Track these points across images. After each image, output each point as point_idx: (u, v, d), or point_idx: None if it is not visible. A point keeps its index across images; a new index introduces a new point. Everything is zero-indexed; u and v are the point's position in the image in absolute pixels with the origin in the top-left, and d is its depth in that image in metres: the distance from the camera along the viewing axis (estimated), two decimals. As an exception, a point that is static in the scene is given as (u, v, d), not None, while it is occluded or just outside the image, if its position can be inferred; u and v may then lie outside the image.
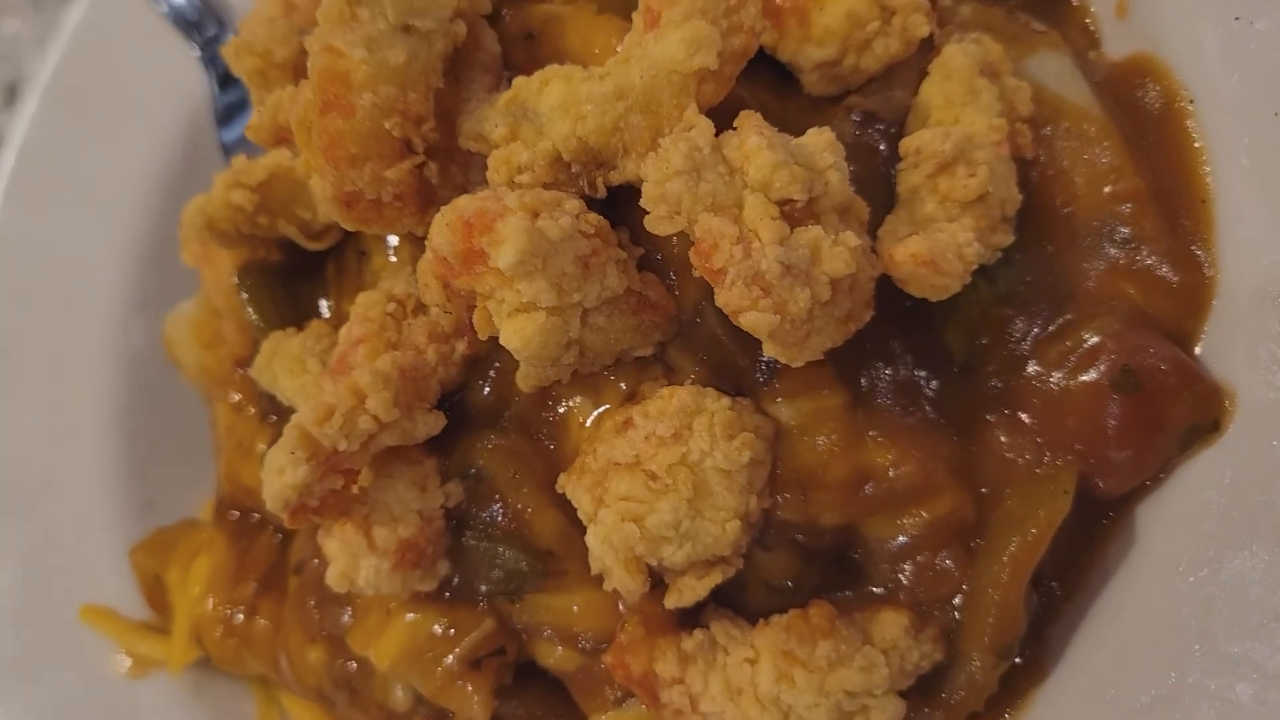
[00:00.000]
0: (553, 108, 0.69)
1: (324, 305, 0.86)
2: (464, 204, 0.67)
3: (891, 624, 0.71)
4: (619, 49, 0.71)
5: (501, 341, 0.68)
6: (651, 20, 0.68)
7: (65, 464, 1.06)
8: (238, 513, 0.96)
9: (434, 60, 0.71)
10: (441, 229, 0.67)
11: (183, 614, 0.93)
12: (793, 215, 0.66)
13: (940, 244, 0.68)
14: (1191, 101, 0.76)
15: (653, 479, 0.69)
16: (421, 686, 0.77)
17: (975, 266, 0.70)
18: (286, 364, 0.80)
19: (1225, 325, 0.72)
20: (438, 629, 0.77)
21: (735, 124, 0.67)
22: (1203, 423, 0.70)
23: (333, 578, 0.75)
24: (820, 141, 0.67)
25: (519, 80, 0.71)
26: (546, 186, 0.70)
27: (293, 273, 0.87)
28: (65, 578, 1.02)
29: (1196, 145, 0.75)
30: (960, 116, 0.73)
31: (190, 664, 0.95)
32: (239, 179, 0.79)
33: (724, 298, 0.65)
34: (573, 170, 0.70)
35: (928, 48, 0.78)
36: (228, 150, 1.12)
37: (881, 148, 0.78)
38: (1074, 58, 0.80)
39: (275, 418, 0.92)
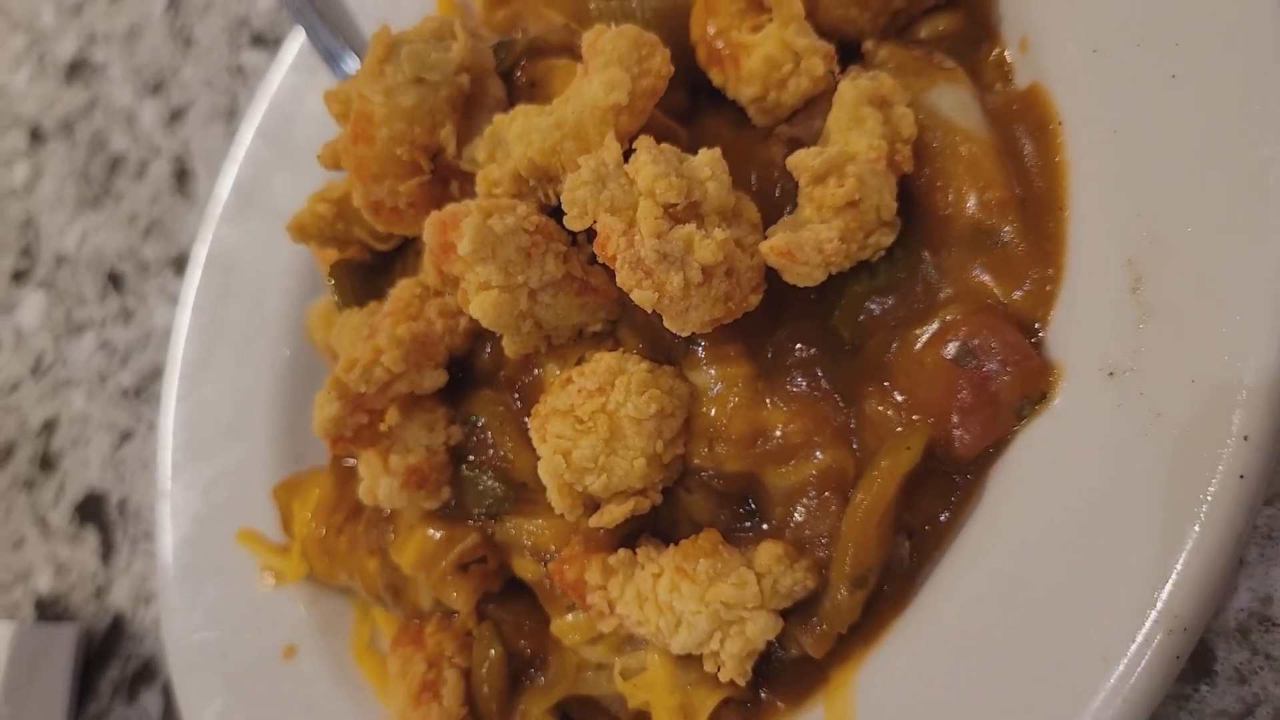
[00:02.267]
0: (514, 136, 0.91)
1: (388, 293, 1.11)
2: (445, 210, 0.90)
3: (767, 552, 0.87)
4: (570, 91, 0.92)
5: (470, 312, 0.90)
6: (585, 69, 0.89)
7: (242, 422, 1.37)
8: (350, 461, 1.22)
9: (439, 103, 0.95)
10: (428, 227, 0.90)
11: (296, 535, 1.20)
12: (677, 216, 0.84)
13: (801, 240, 0.84)
14: (1060, 123, 0.88)
15: (579, 422, 0.89)
16: (426, 583, 1.00)
17: (838, 261, 0.85)
18: (349, 333, 1.06)
19: (1068, 313, 0.83)
20: (438, 539, 0.99)
21: (634, 145, 0.86)
22: (1031, 395, 0.82)
23: (362, 492, 0.99)
24: (705, 158, 0.85)
25: (498, 117, 0.94)
26: (513, 197, 0.92)
27: (374, 268, 1.13)
28: (232, 507, 1.32)
29: (1058, 160, 0.87)
30: (847, 139, 0.88)
31: (304, 579, 1.23)
32: (322, 195, 1.06)
33: (619, 278, 0.84)
34: (530, 184, 0.92)
35: (847, 83, 0.94)
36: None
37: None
38: (973, 90, 0.93)
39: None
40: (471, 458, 0.99)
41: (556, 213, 0.90)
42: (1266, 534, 0.86)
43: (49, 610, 1.86)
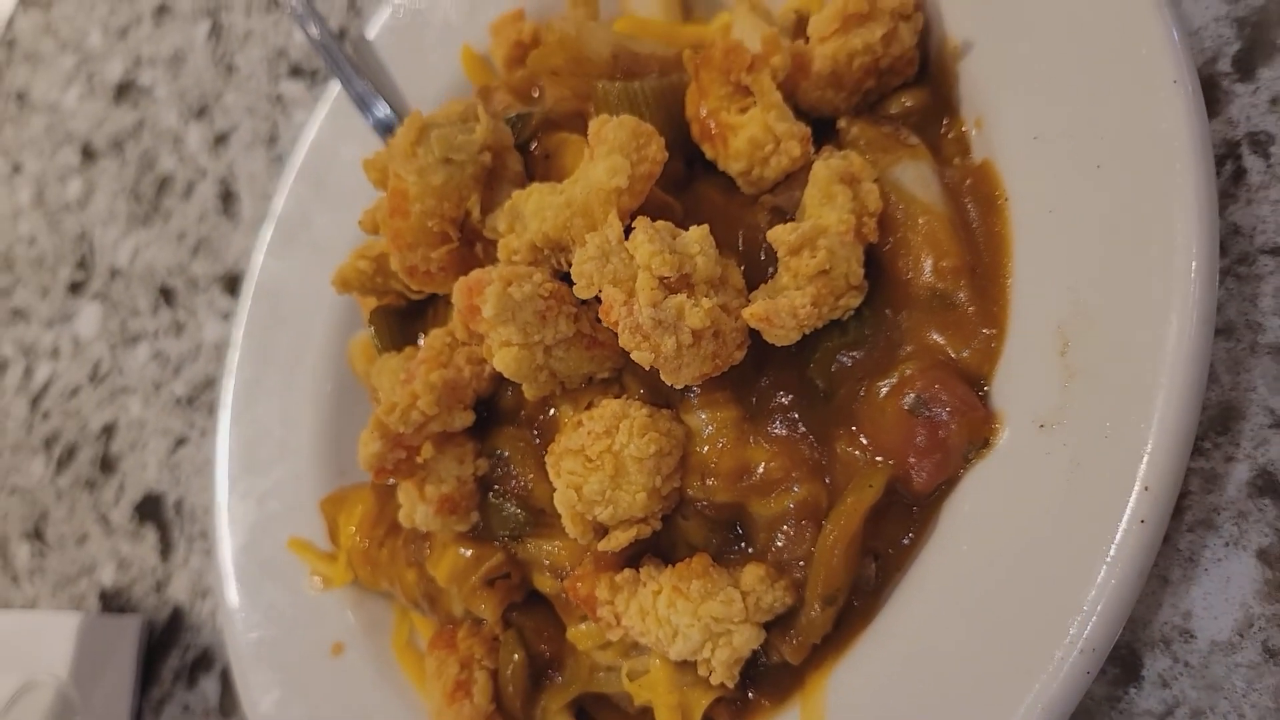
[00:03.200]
0: (530, 212, 1.04)
1: (421, 337, 1.25)
2: (470, 276, 1.04)
3: (751, 574, 1.01)
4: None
5: (493, 365, 1.04)
6: (591, 154, 1.02)
7: (291, 439, 1.52)
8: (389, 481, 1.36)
9: (466, 180, 1.08)
10: (456, 291, 1.04)
11: (342, 546, 1.35)
12: (671, 286, 0.97)
13: (778, 306, 0.97)
14: (1006, 199, 1.00)
15: (588, 461, 1.03)
16: (458, 595, 1.15)
17: (810, 323, 0.99)
18: (388, 376, 1.20)
19: (1008, 370, 0.96)
20: (469, 557, 1.14)
21: (634, 224, 0.99)
22: (975, 441, 0.95)
23: (401, 517, 1.14)
24: (695, 235, 0.98)
25: (516, 193, 1.07)
26: (530, 264, 1.05)
27: (409, 314, 1.27)
28: (283, 517, 1.47)
29: (1003, 233, 0.99)
30: (820, 213, 1.01)
31: (349, 584, 1.38)
32: (363, 252, 1.21)
33: (621, 340, 0.97)
34: (545, 253, 1.05)
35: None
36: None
37: (785, 233, 1.08)
38: (933, 164, 1.05)
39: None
40: (497, 487, 1.14)
41: (568, 278, 1.03)
42: (1189, 557, 0.98)
43: (113, 602, 2.02)
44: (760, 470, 1.02)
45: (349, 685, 1.33)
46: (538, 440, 1.13)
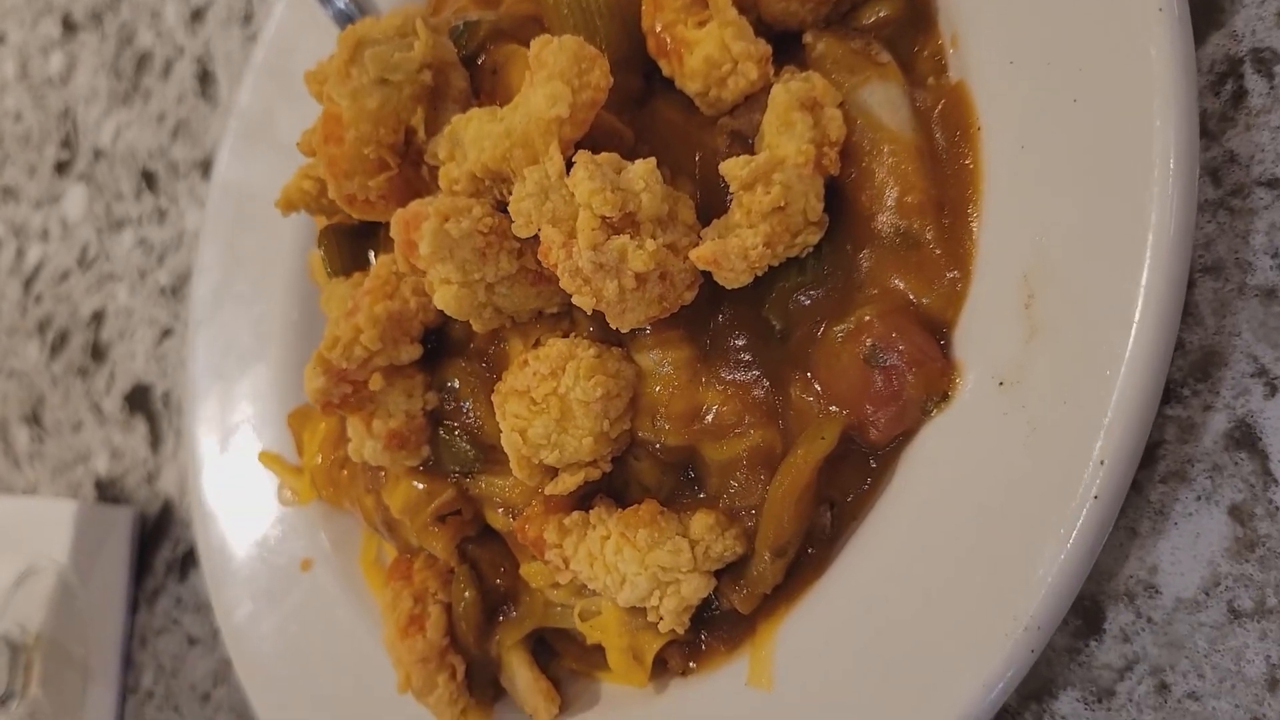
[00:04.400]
0: (469, 140, 0.97)
1: (372, 256, 1.20)
2: (408, 209, 0.98)
3: (700, 521, 0.97)
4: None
5: (434, 303, 0.99)
6: (531, 79, 0.95)
7: (262, 347, 1.48)
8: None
9: (404, 101, 1.01)
10: (394, 224, 0.98)
11: (306, 465, 1.33)
12: (614, 226, 0.91)
13: (727, 248, 0.91)
14: (979, 129, 0.92)
15: (534, 404, 0.99)
16: (411, 530, 1.13)
17: (763, 264, 0.92)
18: (335, 302, 1.15)
19: (971, 318, 0.90)
20: (420, 490, 1.11)
21: (574, 160, 0.92)
22: (934, 393, 0.90)
23: (351, 450, 1.11)
24: (640, 170, 0.91)
25: (456, 118, 1.00)
26: (471, 195, 0.99)
27: (362, 232, 1.21)
28: (254, 426, 1.45)
29: (974, 165, 0.92)
30: (778, 143, 0.94)
31: (316, 500, 1.36)
32: (307, 171, 1.14)
33: (561, 283, 0.92)
34: (486, 184, 0.99)
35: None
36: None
37: (745, 159, 1.01)
38: (904, 86, 0.97)
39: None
40: (447, 422, 1.10)
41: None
42: (1159, 510, 0.94)
43: (107, 492, 2.04)
44: (713, 413, 0.98)
45: (318, 601, 1.33)
46: (488, 374, 1.09)
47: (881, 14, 1.01)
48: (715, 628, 1.03)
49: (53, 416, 2.20)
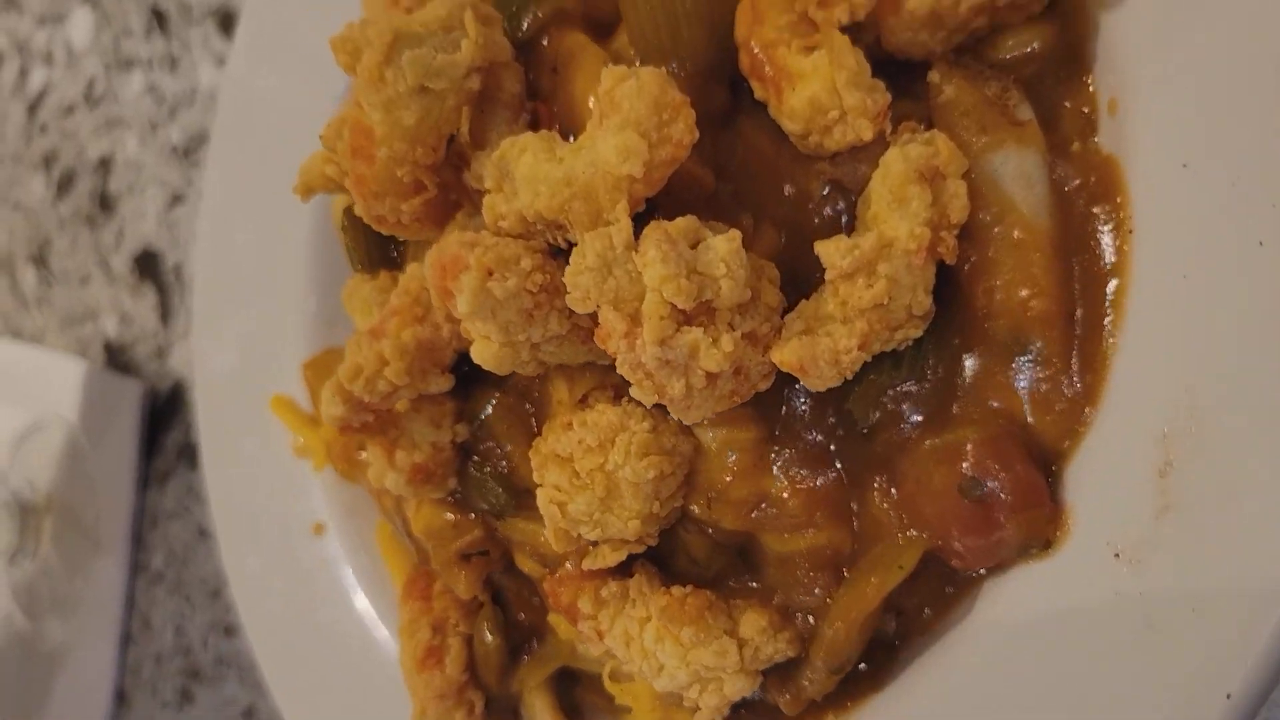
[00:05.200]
0: (522, 177, 0.82)
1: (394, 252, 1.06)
2: (445, 247, 0.84)
3: (753, 622, 0.88)
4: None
5: (471, 354, 0.86)
6: (600, 117, 0.79)
7: (276, 273, 1.35)
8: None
9: (447, 113, 0.85)
10: (429, 263, 0.84)
11: (321, 434, 1.23)
12: (687, 314, 0.78)
13: (816, 351, 0.78)
14: (1132, 231, 0.77)
15: (576, 476, 0.88)
16: (434, 559, 1.03)
17: (856, 367, 0.79)
18: (359, 304, 1.02)
19: (1091, 461, 0.78)
20: (445, 521, 1.01)
21: (643, 234, 0.77)
22: (1035, 541, 0.79)
23: (371, 476, 1.00)
24: (723, 249, 0.77)
25: (505, 142, 0.84)
26: (518, 235, 0.85)
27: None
28: (266, 366, 1.34)
29: (1121, 276, 0.77)
30: (887, 219, 0.79)
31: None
32: (330, 156, 0.98)
33: (620, 371, 0.79)
34: (538, 227, 0.84)
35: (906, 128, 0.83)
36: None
37: (843, 217, 0.86)
38: (1044, 154, 0.81)
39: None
40: (477, 458, 0.99)
41: (565, 252, 0.84)
42: None
43: (117, 358, 1.95)
44: (778, 503, 0.87)
45: (328, 567, 1.26)
46: (527, 410, 0.97)
47: (1027, 48, 0.83)
48: (755, 710, 0.96)
49: (60, 264, 2.09)
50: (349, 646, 1.24)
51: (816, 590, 0.88)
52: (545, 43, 0.91)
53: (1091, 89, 0.82)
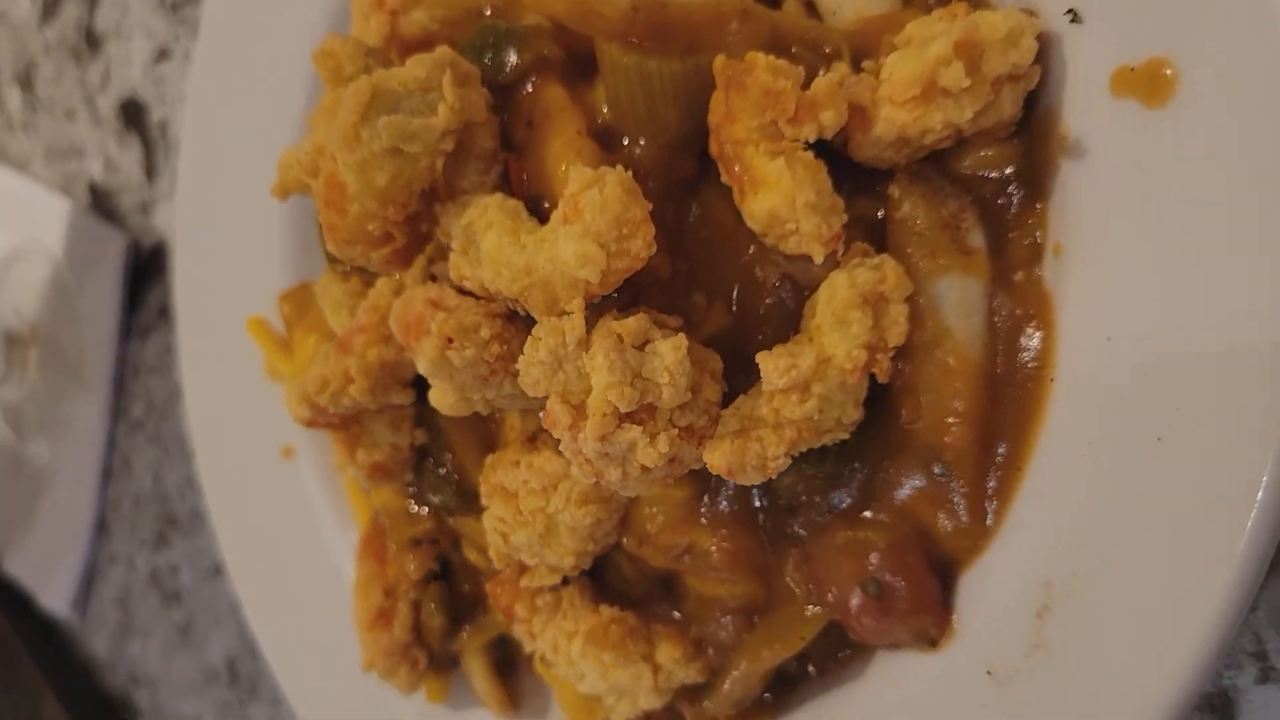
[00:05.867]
0: (485, 252, 0.85)
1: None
2: (410, 303, 0.88)
3: (668, 651, 0.97)
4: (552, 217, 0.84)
5: (429, 398, 0.92)
6: (567, 214, 0.81)
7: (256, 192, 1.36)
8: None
9: (419, 172, 0.87)
10: (394, 317, 0.89)
11: (293, 371, 1.28)
12: (629, 414, 0.83)
13: (745, 457, 0.83)
14: (1053, 379, 0.82)
15: (519, 513, 0.95)
16: (390, 534, 1.12)
17: (779, 469, 0.85)
18: (330, 303, 1.06)
19: (983, 581, 0.85)
20: (403, 506, 1.09)
21: (594, 334, 0.81)
22: (922, 639, 0.87)
23: (334, 463, 1.07)
24: (669, 357, 0.81)
25: (474, 209, 0.87)
26: (479, 298, 0.88)
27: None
28: (245, 287, 1.38)
29: (1037, 418, 0.82)
30: (827, 335, 0.83)
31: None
32: (304, 155, 1.00)
33: (563, 451, 0.85)
34: (498, 296, 0.88)
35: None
36: None
37: (790, 306, 0.90)
38: (987, 286, 0.84)
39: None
40: (431, 460, 1.06)
41: (522, 317, 0.88)
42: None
43: (102, 204, 1.97)
44: (703, 554, 0.95)
45: (297, 491, 1.34)
46: (481, 425, 1.03)
47: (988, 170, 0.86)
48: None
49: (46, 91, 2.07)
50: (320, 580, 1.32)
51: (728, 630, 0.96)
52: (524, 90, 0.92)
53: (1044, 223, 0.85)
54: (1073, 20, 0.79)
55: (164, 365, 1.87)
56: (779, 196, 0.82)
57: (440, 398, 0.90)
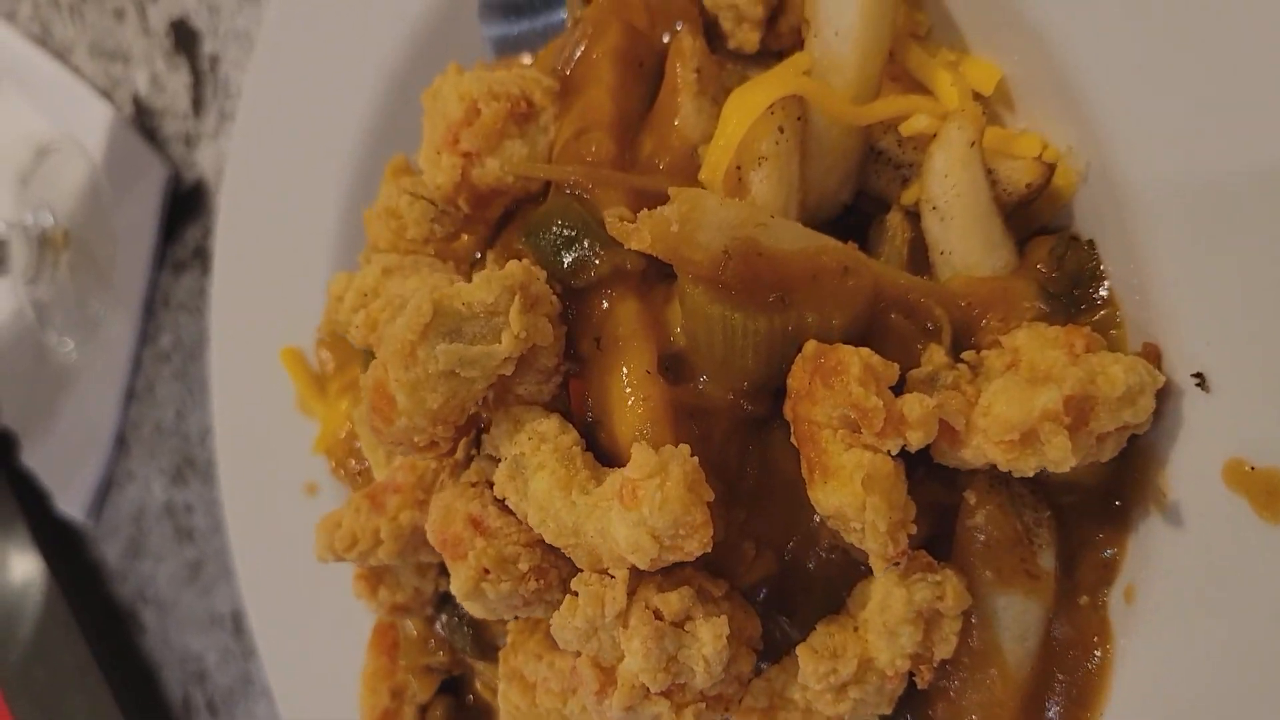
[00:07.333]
0: (534, 495, 0.81)
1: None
2: (451, 518, 0.84)
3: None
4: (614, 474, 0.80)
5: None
6: (624, 499, 0.77)
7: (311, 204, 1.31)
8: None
9: (473, 393, 0.82)
10: (433, 525, 0.86)
11: (324, 432, 1.25)
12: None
13: (775, 746, 0.82)
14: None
15: (534, 705, 0.93)
16: (402, 658, 1.11)
17: (807, 757, 0.84)
18: (369, 438, 1.02)
19: None
20: (422, 635, 1.09)
21: (633, 608, 0.78)
22: None
23: (353, 590, 1.06)
24: (707, 646, 0.78)
25: (525, 437, 0.82)
26: (518, 527, 0.85)
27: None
28: (286, 310, 1.33)
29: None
30: (874, 642, 0.80)
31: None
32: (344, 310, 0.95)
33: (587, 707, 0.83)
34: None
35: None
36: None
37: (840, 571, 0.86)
38: (1047, 612, 0.80)
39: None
40: (452, 606, 1.04)
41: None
42: None
43: (145, 121, 1.89)
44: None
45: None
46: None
47: (1074, 484, 0.80)
48: None
49: (95, -21, 1.96)
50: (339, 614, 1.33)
51: None
52: (598, 301, 0.86)
53: (1125, 548, 0.80)
54: (1199, 385, 0.73)
55: (195, 306, 1.83)
56: (849, 497, 0.78)
57: (470, 606, 0.87)
